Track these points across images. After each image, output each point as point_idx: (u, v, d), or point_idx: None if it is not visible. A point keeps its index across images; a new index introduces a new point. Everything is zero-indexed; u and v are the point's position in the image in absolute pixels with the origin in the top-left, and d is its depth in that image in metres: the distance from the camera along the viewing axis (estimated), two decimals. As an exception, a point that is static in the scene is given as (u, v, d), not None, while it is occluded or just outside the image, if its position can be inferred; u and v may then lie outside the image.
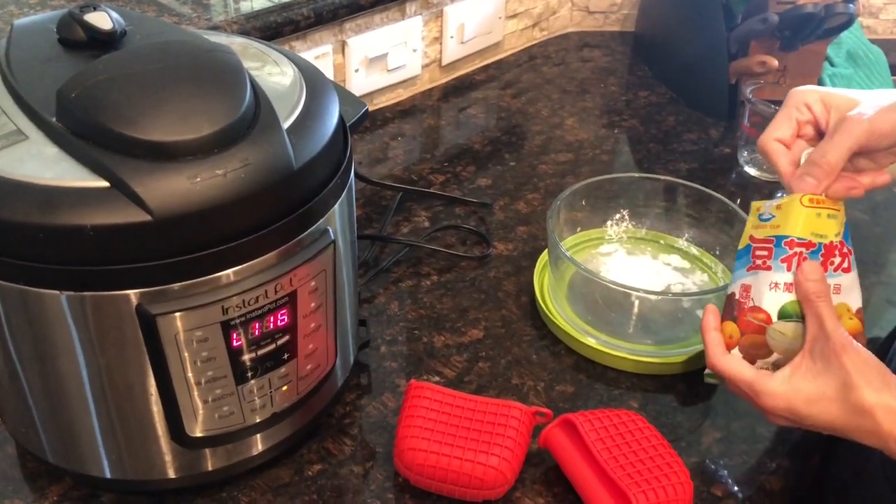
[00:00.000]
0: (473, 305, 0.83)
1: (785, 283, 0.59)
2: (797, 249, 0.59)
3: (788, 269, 0.59)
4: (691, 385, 0.75)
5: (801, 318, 0.59)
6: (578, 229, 0.89)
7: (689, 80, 1.22)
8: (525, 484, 0.65)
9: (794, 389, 0.57)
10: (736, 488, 0.66)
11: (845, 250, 0.61)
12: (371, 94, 1.14)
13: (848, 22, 1.10)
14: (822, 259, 0.59)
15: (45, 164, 0.50)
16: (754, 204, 0.63)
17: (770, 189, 1.03)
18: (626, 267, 0.85)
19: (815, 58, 1.14)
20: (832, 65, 1.21)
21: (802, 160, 0.62)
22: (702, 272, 0.85)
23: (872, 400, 0.54)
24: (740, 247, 0.63)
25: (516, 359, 0.77)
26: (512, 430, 0.63)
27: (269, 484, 0.64)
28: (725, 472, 0.67)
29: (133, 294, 0.51)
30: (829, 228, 0.59)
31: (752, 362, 0.62)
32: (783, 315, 0.59)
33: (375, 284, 0.85)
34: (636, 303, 0.78)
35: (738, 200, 0.99)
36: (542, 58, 1.34)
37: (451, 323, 0.81)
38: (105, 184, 0.49)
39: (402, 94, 1.20)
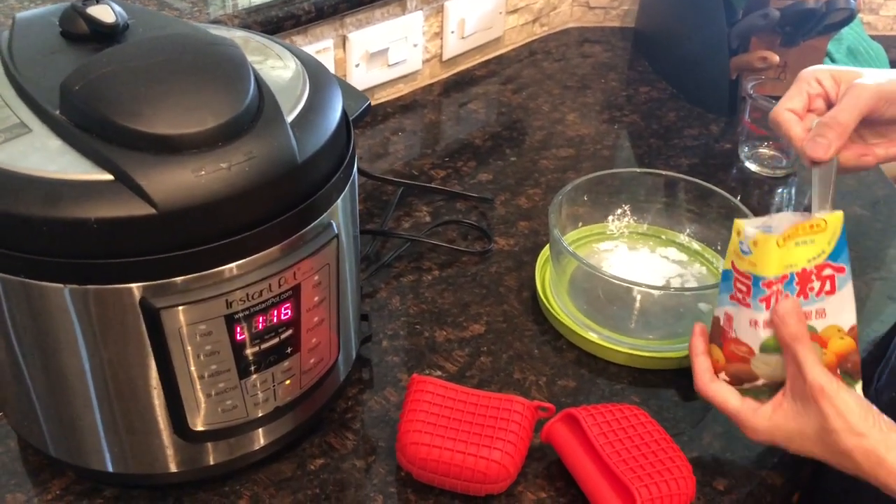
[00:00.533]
0: (475, 300, 0.83)
1: (764, 321, 0.59)
2: (774, 288, 0.58)
3: (767, 308, 0.59)
4: (692, 380, 0.75)
5: (780, 351, 0.60)
6: (580, 224, 0.89)
7: (689, 76, 1.22)
8: (527, 478, 0.65)
9: (776, 426, 0.59)
10: (738, 482, 0.66)
11: (826, 272, 0.59)
12: (372, 89, 1.14)
13: (849, 18, 1.10)
14: (798, 288, 0.59)
15: (48, 156, 0.50)
16: (737, 223, 0.61)
17: (770, 185, 1.04)
18: (628, 262, 0.86)
19: (815, 53, 1.14)
20: (833, 61, 1.22)
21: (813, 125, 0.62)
22: (702, 266, 0.86)
23: (851, 443, 0.55)
24: (725, 266, 0.63)
25: (518, 353, 0.77)
26: (514, 424, 0.63)
27: (272, 478, 0.64)
28: (727, 466, 0.67)
29: (137, 287, 0.51)
30: (800, 256, 0.58)
31: (740, 383, 0.63)
32: (765, 349, 0.60)
33: (377, 279, 0.85)
34: (638, 297, 0.78)
35: (739, 196, 0.99)
36: (542, 53, 1.34)
37: (452, 318, 0.81)
38: (109, 177, 0.49)
39: (403, 89, 1.20)
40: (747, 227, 0.59)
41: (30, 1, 0.91)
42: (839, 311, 0.60)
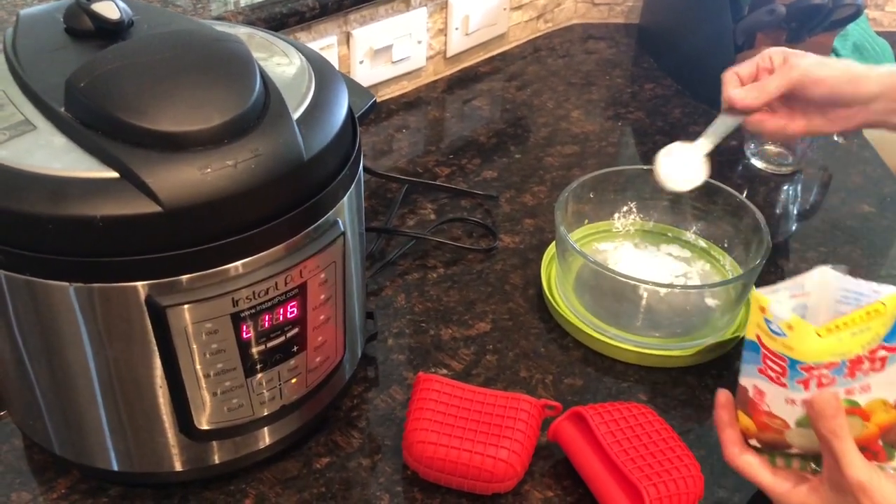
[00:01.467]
0: (480, 298, 0.82)
1: (802, 400, 0.55)
2: (815, 373, 0.54)
3: (806, 389, 0.54)
4: (700, 377, 0.75)
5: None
6: (586, 222, 0.88)
7: (695, 72, 1.21)
8: (534, 477, 0.65)
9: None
10: (746, 481, 0.65)
11: (880, 354, 0.54)
12: (376, 86, 1.14)
13: (855, 14, 1.09)
14: (847, 371, 0.54)
15: (53, 154, 0.49)
16: (758, 298, 0.56)
17: (776, 182, 1.03)
18: (634, 259, 0.85)
19: (821, 49, 1.13)
20: (838, 56, 1.21)
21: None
22: (707, 263, 0.85)
23: None
24: (748, 336, 0.57)
25: (524, 352, 0.77)
26: (521, 422, 0.63)
27: (278, 476, 0.64)
28: (735, 465, 0.67)
29: (142, 286, 0.50)
30: (854, 344, 0.54)
31: (772, 449, 0.59)
32: (802, 424, 0.56)
33: (382, 277, 0.84)
34: (644, 295, 0.77)
35: (745, 192, 0.99)
36: (546, 50, 1.33)
37: (458, 316, 0.80)
38: (114, 174, 0.48)
39: (407, 86, 1.19)
40: (774, 305, 0.54)
41: (33, -2, 0.91)
42: (886, 385, 0.55)
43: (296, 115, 0.54)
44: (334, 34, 1.04)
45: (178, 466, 0.60)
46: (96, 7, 0.57)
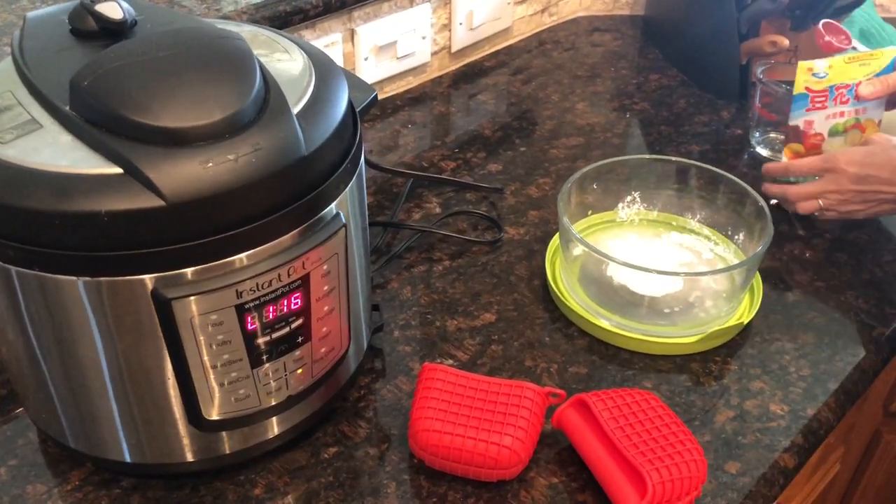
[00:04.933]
0: (486, 289, 0.83)
1: (833, 113, 0.91)
2: (841, 91, 0.90)
3: (835, 103, 0.90)
4: (704, 364, 0.75)
5: (844, 132, 0.92)
6: (590, 212, 0.89)
7: (699, 62, 1.21)
8: (539, 464, 0.66)
9: (864, 149, 0.85)
10: (750, 466, 0.66)
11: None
12: (381, 82, 1.15)
13: (859, 1, 1.09)
14: (854, 93, 0.90)
15: (59, 152, 0.51)
16: (803, 64, 0.90)
17: (782, 169, 1.03)
18: (638, 248, 0.86)
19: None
20: (844, 44, 1.20)
21: None
22: (712, 251, 0.85)
23: None
24: (795, 92, 0.91)
25: (529, 341, 0.77)
26: (525, 410, 0.64)
27: (286, 466, 0.65)
28: (739, 450, 0.67)
29: (148, 279, 0.51)
30: (859, 73, 0.90)
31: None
32: (833, 133, 0.92)
33: (388, 270, 0.85)
34: (648, 283, 0.78)
35: (751, 180, 0.98)
36: (551, 43, 1.34)
37: (463, 307, 0.81)
38: (119, 170, 0.49)
39: (412, 82, 1.20)
40: (816, 63, 0.90)
41: (42, 1, 0.93)
42: (875, 108, 0.92)
43: (296, 110, 0.55)
44: (339, 31, 1.05)
45: (188, 457, 0.62)
46: (100, 8, 0.58)
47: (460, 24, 1.21)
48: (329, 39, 1.04)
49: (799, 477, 0.84)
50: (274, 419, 0.63)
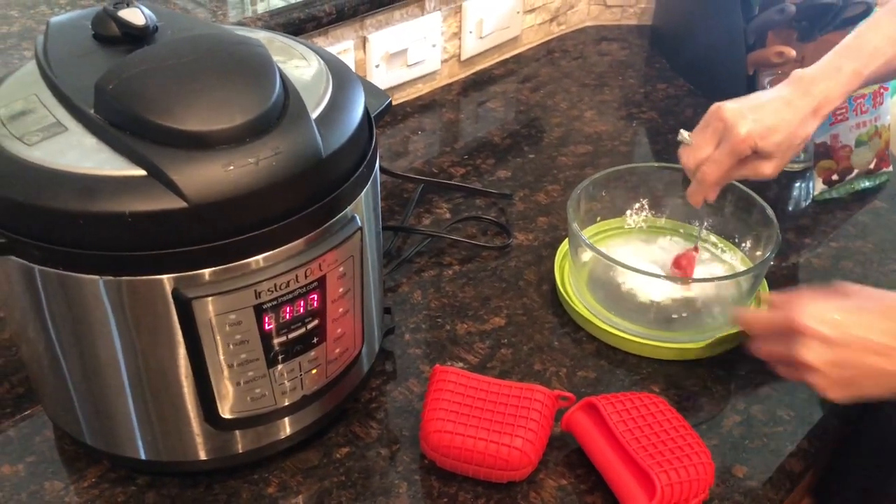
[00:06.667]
0: (495, 294, 0.84)
1: (857, 123, 0.96)
2: (860, 101, 0.95)
3: (856, 114, 0.95)
4: (711, 370, 0.76)
5: (868, 141, 0.97)
6: (598, 219, 0.90)
7: (706, 72, 1.22)
8: (548, 466, 0.66)
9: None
10: (757, 469, 0.67)
11: (882, 92, 0.97)
12: (391, 89, 1.16)
13: (866, 12, 1.10)
14: (872, 102, 0.96)
15: (84, 154, 0.52)
16: None
17: (787, 180, 1.04)
18: (646, 255, 0.86)
19: (832, 48, 1.14)
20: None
21: None
22: (719, 258, 0.86)
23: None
24: None
25: (538, 345, 0.78)
26: (535, 412, 0.65)
27: (299, 466, 0.66)
28: (746, 454, 0.68)
29: (168, 278, 0.53)
30: (871, 86, 0.95)
31: (842, 180, 0.99)
32: (858, 143, 0.97)
33: (398, 274, 0.86)
34: (656, 289, 0.79)
35: (757, 188, 0.99)
36: (560, 52, 1.35)
37: (473, 311, 0.82)
38: (142, 172, 0.51)
39: (422, 89, 1.22)
40: None
41: (60, 7, 0.94)
42: (885, 114, 0.98)
43: (314, 115, 0.57)
44: (351, 39, 1.06)
45: (202, 455, 0.63)
46: (123, 14, 0.60)
47: (470, 32, 1.22)
48: (341, 47, 1.05)
49: None
50: (287, 419, 0.64)
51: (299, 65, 0.63)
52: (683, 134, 0.77)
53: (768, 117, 0.72)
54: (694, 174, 0.76)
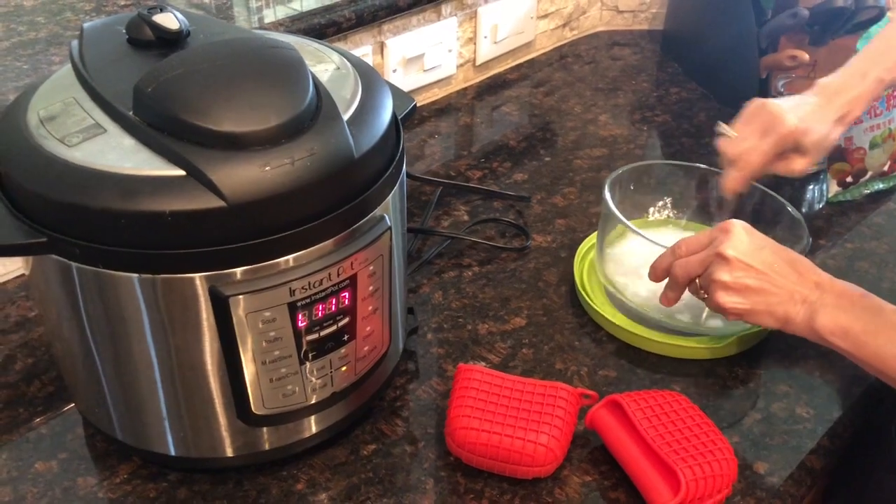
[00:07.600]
0: (515, 295, 0.85)
1: (871, 126, 0.97)
2: (874, 103, 0.94)
3: (870, 116, 0.96)
4: (731, 369, 0.77)
5: (882, 143, 0.97)
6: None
7: (719, 76, 1.24)
8: (572, 462, 0.67)
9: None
10: (778, 466, 0.68)
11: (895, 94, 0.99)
12: (408, 94, 1.17)
13: (878, 16, 1.11)
14: (886, 105, 0.97)
15: (124, 154, 0.53)
16: None
17: (801, 182, 1.05)
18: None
19: (845, 52, 1.14)
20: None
21: None
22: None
23: None
24: None
25: (559, 345, 0.79)
26: (560, 409, 0.66)
27: (327, 463, 0.67)
28: (767, 451, 0.69)
29: (205, 276, 0.54)
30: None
31: (857, 181, 1.00)
32: (872, 145, 0.97)
33: (419, 275, 0.87)
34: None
35: (773, 188, 1.00)
36: (572, 56, 1.36)
37: (493, 311, 0.83)
38: (181, 172, 0.52)
39: (439, 94, 1.23)
40: None
41: (84, 13, 0.96)
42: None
43: (346, 117, 0.58)
44: (369, 44, 1.08)
45: (230, 452, 0.64)
46: (157, 18, 0.61)
47: (485, 37, 1.24)
48: (360, 52, 1.06)
49: None
50: (314, 417, 0.65)
51: (328, 68, 0.64)
52: (724, 127, 0.81)
53: (808, 117, 0.77)
54: (734, 164, 0.80)
